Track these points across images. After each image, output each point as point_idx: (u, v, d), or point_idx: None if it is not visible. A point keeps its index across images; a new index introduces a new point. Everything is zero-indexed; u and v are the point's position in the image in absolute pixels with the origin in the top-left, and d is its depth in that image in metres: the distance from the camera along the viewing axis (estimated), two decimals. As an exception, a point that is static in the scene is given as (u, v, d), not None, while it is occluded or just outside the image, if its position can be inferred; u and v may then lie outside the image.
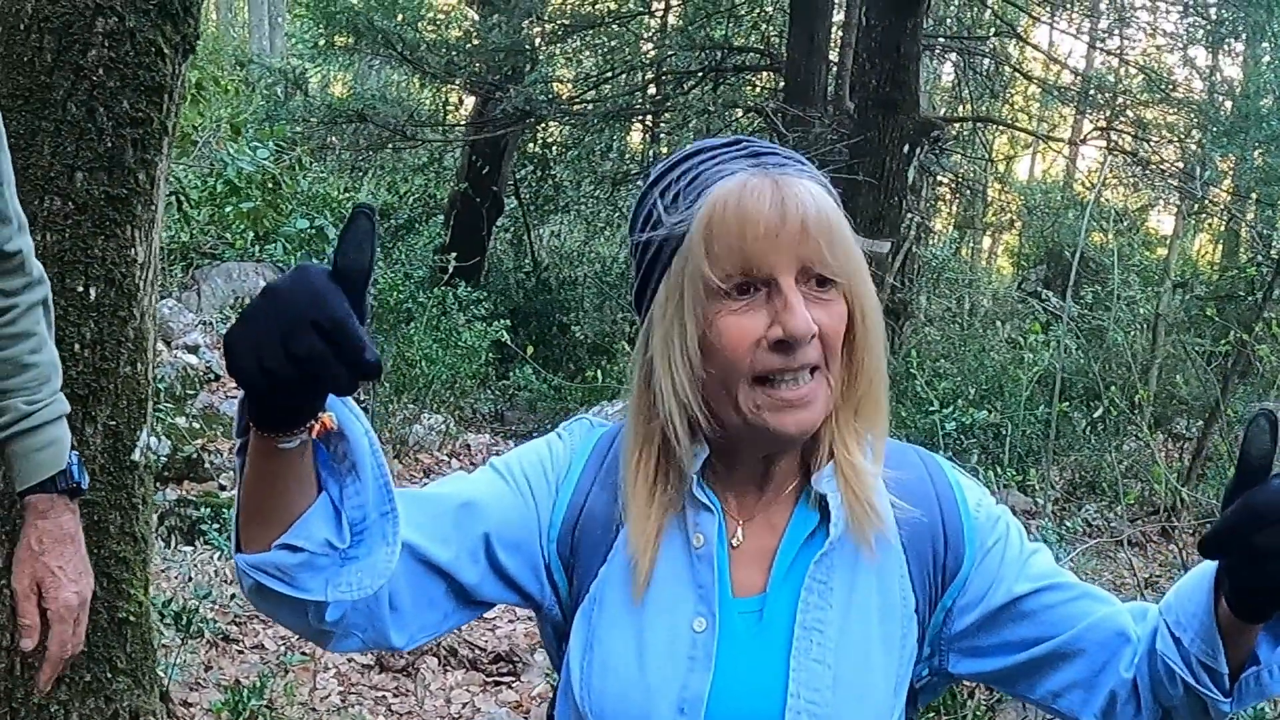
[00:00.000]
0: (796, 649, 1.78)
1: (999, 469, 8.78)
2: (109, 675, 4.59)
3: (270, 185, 12.78)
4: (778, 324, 1.71)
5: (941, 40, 18.49)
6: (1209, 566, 1.72)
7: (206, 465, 9.53)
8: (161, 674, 5.47)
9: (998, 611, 1.89)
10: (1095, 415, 14.26)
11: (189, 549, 8.03)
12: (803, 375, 1.74)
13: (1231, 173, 17.48)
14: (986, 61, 18.55)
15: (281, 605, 1.66)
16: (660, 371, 1.78)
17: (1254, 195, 17.06)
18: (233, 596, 7.58)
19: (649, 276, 1.82)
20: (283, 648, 7.32)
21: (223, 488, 9.43)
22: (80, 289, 4.22)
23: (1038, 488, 11.99)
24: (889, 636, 1.83)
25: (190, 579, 7.45)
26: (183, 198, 11.74)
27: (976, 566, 1.89)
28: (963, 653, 1.93)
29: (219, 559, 7.90)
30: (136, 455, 4.45)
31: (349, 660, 7.39)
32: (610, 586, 1.87)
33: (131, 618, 4.56)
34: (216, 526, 7.98)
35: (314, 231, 11.93)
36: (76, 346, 4.22)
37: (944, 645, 1.93)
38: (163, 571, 7.54)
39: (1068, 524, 9.60)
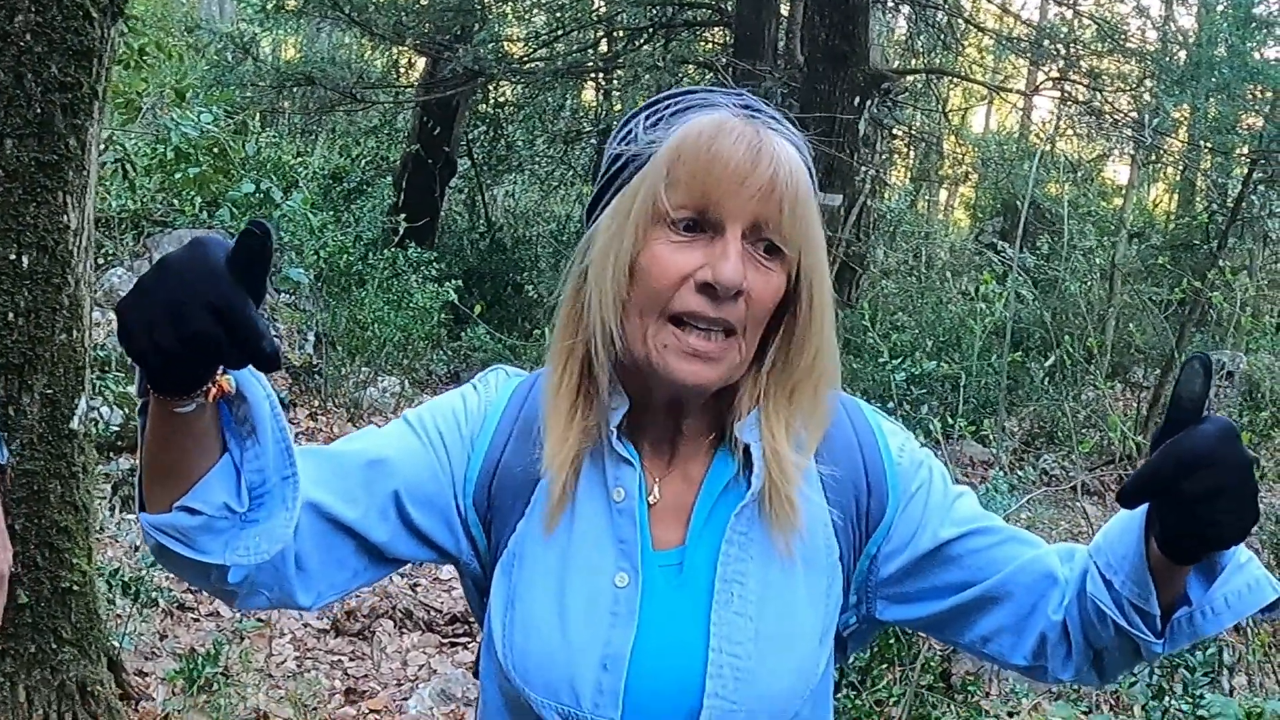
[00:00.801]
0: (718, 601, 1.75)
1: (954, 419, 8.77)
2: (54, 646, 4.55)
3: (217, 151, 12.68)
4: (709, 267, 1.67)
5: (893, -7, 18.46)
6: (1140, 508, 1.67)
7: (159, 433, 9.44)
8: (115, 644, 5.42)
9: (923, 557, 1.85)
10: (1051, 365, 14.29)
11: (132, 518, 7.95)
12: (716, 331, 1.70)
13: (1186, 122, 17.50)
14: (939, 14, 18.50)
15: (184, 566, 1.63)
16: (592, 282, 1.74)
17: (1208, 144, 17.07)
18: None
19: (607, 188, 1.79)
20: (238, 615, 7.28)
21: (176, 456, 9.35)
22: (13, 257, 4.16)
23: (994, 438, 12.01)
24: (813, 586, 1.80)
25: (136, 547, 7.38)
26: (129, 165, 11.63)
27: (900, 512, 1.86)
28: (890, 599, 1.90)
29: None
30: (75, 423, 4.40)
31: (305, 625, 7.36)
32: (530, 542, 1.84)
33: (75, 587, 4.52)
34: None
35: (261, 195, 11.83)
36: (10, 315, 4.17)
37: (870, 592, 1.90)
38: (113, 540, 7.48)
39: (1022, 473, 9.62)
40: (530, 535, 1.84)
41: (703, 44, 19.46)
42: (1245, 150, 16.04)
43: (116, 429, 9.09)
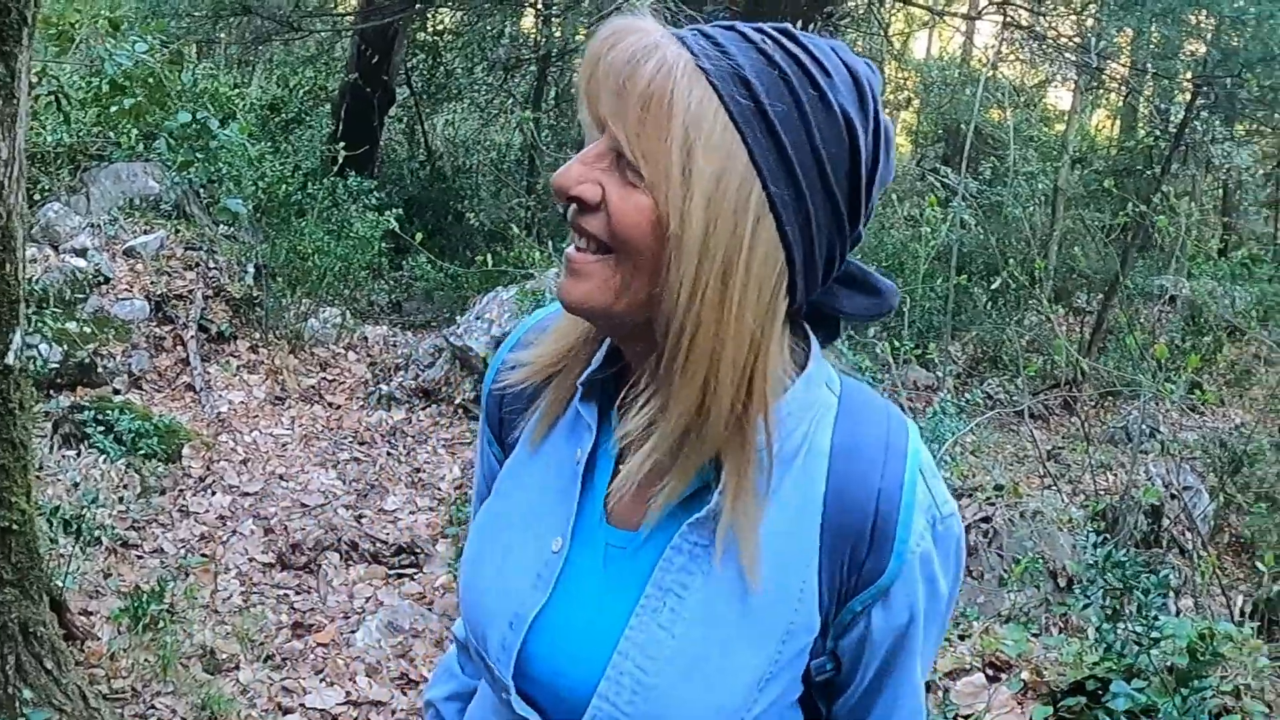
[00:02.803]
0: (643, 607, 1.60)
1: (899, 343, 8.76)
2: (-7, 586, 4.47)
3: (152, 82, 12.51)
4: None
5: (835, -84, 18.34)
6: None
7: (99, 370, 9.38)
8: (57, 583, 5.36)
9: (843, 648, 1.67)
10: (995, 289, 14.33)
11: (72, 454, 7.88)
12: (588, 245, 1.53)
13: (1129, 47, 17.52)
14: (881, -63, 18.44)
15: None
16: None
17: (1150, 69, 17.09)
18: (122, 500, 7.48)
19: None
20: (182, 551, 7.24)
21: (117, 391, 9.30)
22: (-58, 187, 4.05)
23: (938, 361, 12.05)
24: (767, 625, 1.59)
25: (77, 484, 7.31)
26: (63, 98, 11.45)
27: (879, 603, 1.62)
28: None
29: (104, 463, 7.76)
30: (10, 359, 4.30)
31: (250, 560, 7.34)
32: (508, 475, 1.81)
33: (14, 526, 4.43)
34: (101, 430, 7.84)
35: (198, 127, 11.69)
36: (-60, 246, 4.06)
37: None
38: (54, 478, 7.40)
39: (969, 397, 9.64)
40: (512, 465, 1.81)
41: (644, -32, 19.30)
42: (1188, 76, 16.08)
43: (55, 366, 9.01)
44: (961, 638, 5.70)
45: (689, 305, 1.46)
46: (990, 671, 5.37)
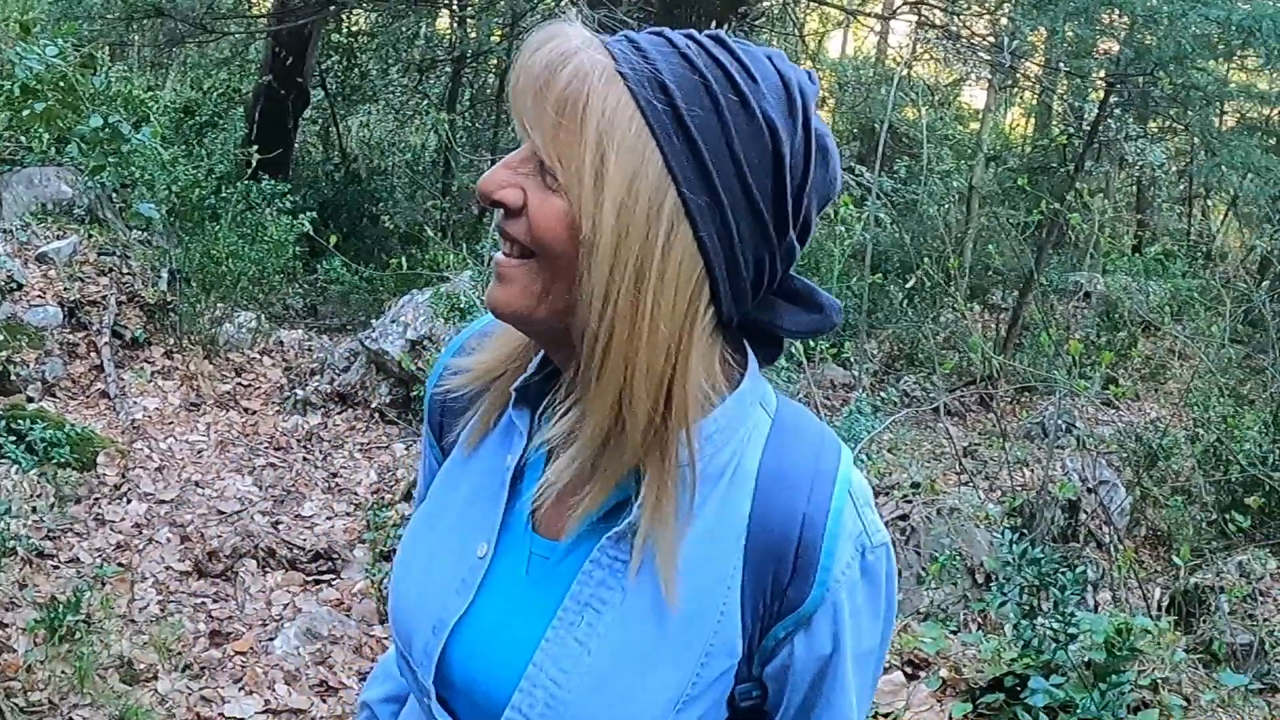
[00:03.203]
0: (559, 620, 1.58)
1: (814, 342, 8.78)
2: (-97, 598, 4.41)
3: (64, 86, 12.40)
4: None
5: (749, -84, 18.39)
6: None
7: (12, 378, 9.29)
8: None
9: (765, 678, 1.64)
10: (910, 287, 14.41)
11: (-11, 463, 7.81)
12: (513, 249, 1.53)
13: (1043, 46, 17.67)
14: (796, -63, 18.49)
15: None
16: None
17: (1064, 68, 17.25)
18: (35, 510, 7.40)
19: None
20: (98, 560, 7.17)
21: (30, 399, 9.21)
22: None
23: (854, 360, 12.10)
24: (686, 646, 1.56)
25: (-10, 495, 7.25)
26: (-28, 101, 11.34)
27: (803, 631, 1.58)
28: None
29: (16, 473, 7.68)
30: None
31: (167, 568, 7.29)
32: (442, 480, 1.80)
33: (-76, 537, 4.38)
34: (13, 439, 7.76)
35: (110, 131, 11.59)
36: None
37: None
38: (-33, 489, 7.33)
39: (885, 395, 9.69)
40: (447, 469, 1.81)
41: (558, -31, 19.32)
42: (1102, 74, 16.25)
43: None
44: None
45: (602, 311, 1.45)
46: (909, 669, 5.40)
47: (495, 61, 20.24)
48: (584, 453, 1.54)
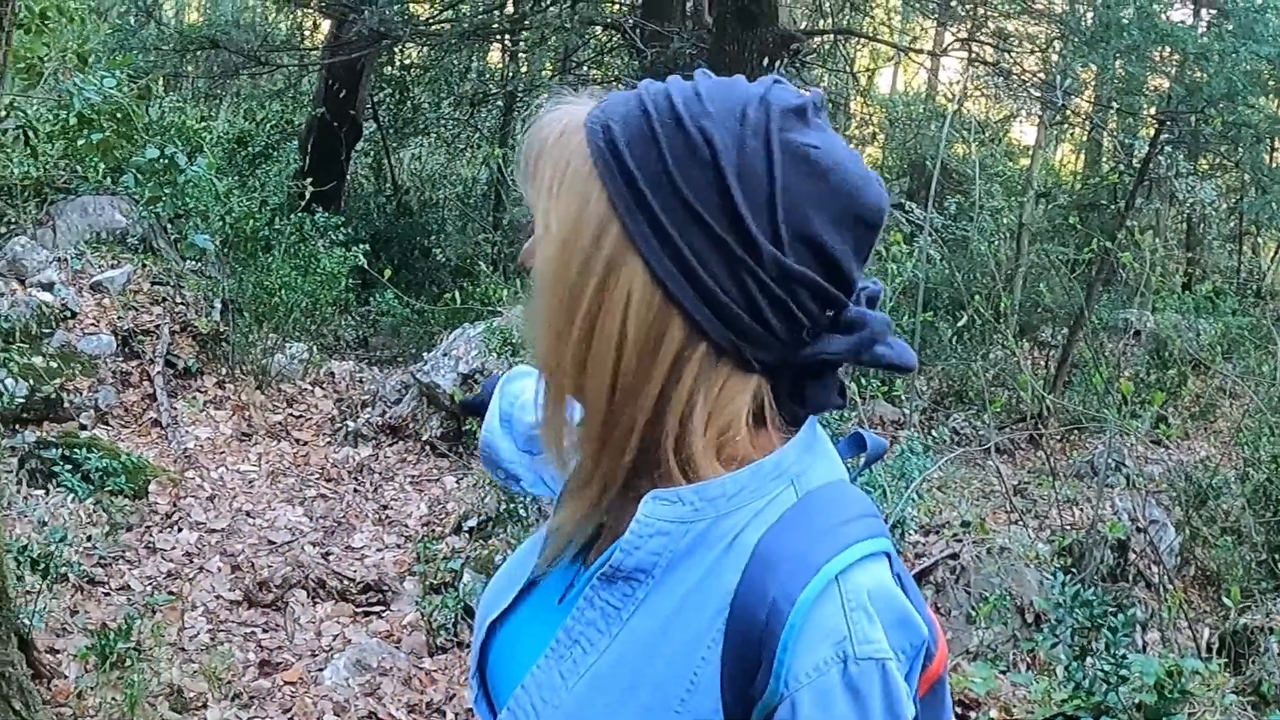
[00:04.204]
0: (552, 649, 1.57)
1: (865, 380, 8.77)
2: (-40, 626, 4.44)
3: (120, 116, 12.51)
4: None
5: (802, -47, 18.42)
6: None
7: (66, 405, 9.35)
8: (25, 622, 5.33)
9: None
10: (961, 325, 14.38)
11: (41, 493, 7.85)
12: None
13: (1093, 83, 17.62)
14: (847, -27, 18.51)
15: None
16: None
17: (1115, 105, 17.20)
18: (90, 538, 7.45)
19: None
20: (149, 588, 7.20)
21: (83, 427, 9.26)
22: (-89, 225, 4.04)
23: (904, 397, 12.08)
24: (654, 710, 1.49)
25: (44, 523, 7.28)
26: (31, 131, 11.44)
27: None
28: None
29: (72, 501, 7.74)
30: (-22, 397, 4.29)
31: (217, 597, 7.30)
32: None
33: (-19, 566, 4.41)
34: (69, 468, 7.81)
35: (166, 161, 11.68)
36: (-90, 285, 4.05)
37: None
38: (21, 515, 7.37)
39: (935, 433, 9.66)
40: None
41: (610, 4, 19.36)
42: (1152, 112, 16.19)
43: (21, 401, 8.97)
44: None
45: (555, 346, 1.49)
46: (959, 709, 5.37)
47: (546, 95, 20.29)
48: (585, 501, 1.58)
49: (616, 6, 19.07)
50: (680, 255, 1.43)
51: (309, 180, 14.24)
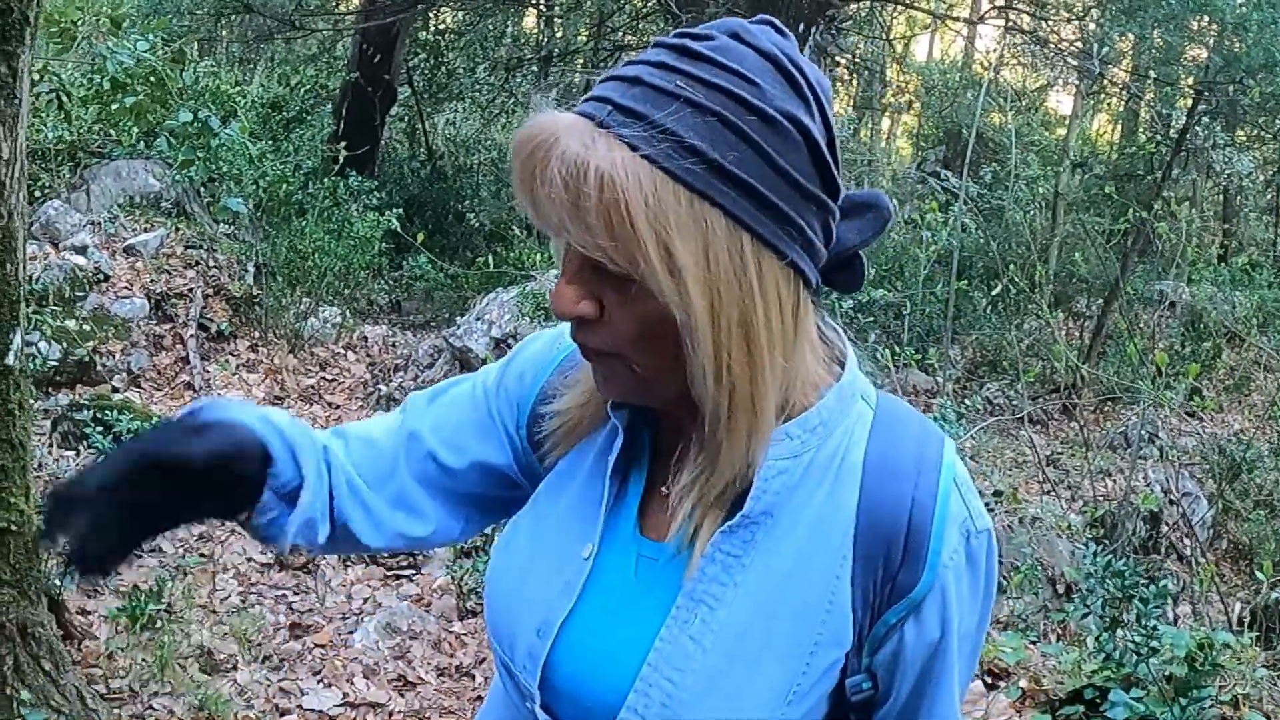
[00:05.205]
0: (674, 618, 1.58)
1: (899, 348, 8.75)
2: (-8, 587, 4.45)
3: (154, 80, 12.51)
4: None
5: (838, -81, 18.31)
6: None
7: (99, 368, 9.38)
8: (56, 583, 5.35)
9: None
10: (995, 294, 14.32)
11: (71, 453, 7.87)
12: (590, 354, 1.58)
13: (1131, 52, 17.51)
14: (884, -59, 18.39)
15: None
16: None
17: (1152, 74, 17.09)
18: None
19: None
20: (181, 550, 7.22)
21: (116, 390, 9.29)
22: (-57, 186, 4.04)
23: (938, 366, 12.04)
24: (795, 638, 1.57)
25: (76, 484, 7.30)
26: (64, 95, 11.47)
27: (913, 618, 1.60)
28: None
29: (102, 463, 7.76)
30: (10, 359, 4.29)
31: (249, 560, 7.32)
32: (541, 493, 1.80)
33: (13, 527, 4.42)
34: (101, 430, 7.83)
35: (199, 125, 11.69)
36: (-59, 246, 4.05)
37: None
38: (53, 477, 7.38)
39: (968, 402, 9.63)
40: (547, 483, 1.81)
41: (645, -31, 19.29)
42: (1190, 82, 16.07)
43: (55, 364, 9.00)
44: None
45: (718, 375, 1.48)
46: (989, 679, 5.36)
47: (582, 61, 20.27)
48: (712, 491, 1.59)
49: (653, -29, 19.01)
50: (800, 231, 1.49)
51: (343, 145, 14.27)
